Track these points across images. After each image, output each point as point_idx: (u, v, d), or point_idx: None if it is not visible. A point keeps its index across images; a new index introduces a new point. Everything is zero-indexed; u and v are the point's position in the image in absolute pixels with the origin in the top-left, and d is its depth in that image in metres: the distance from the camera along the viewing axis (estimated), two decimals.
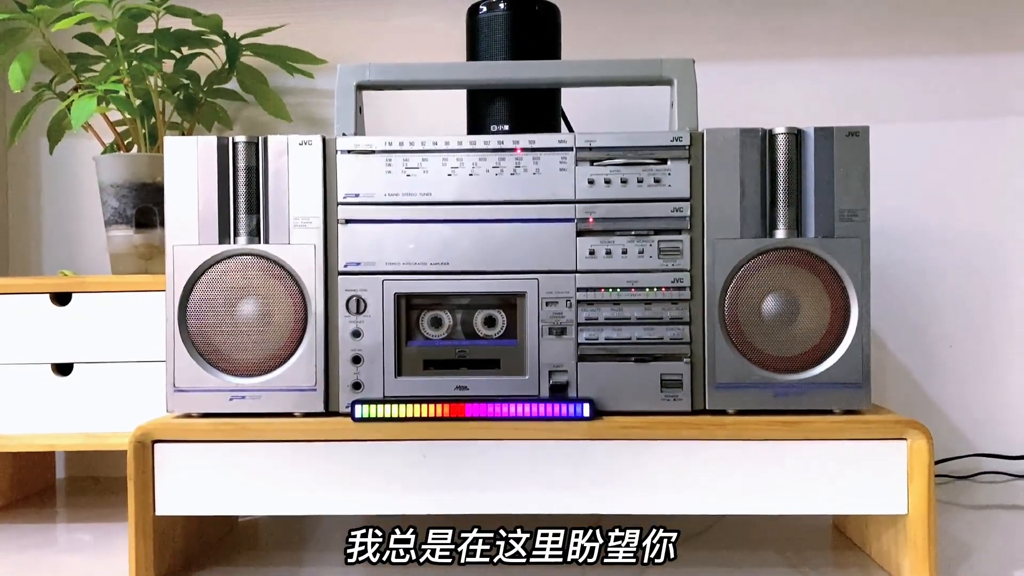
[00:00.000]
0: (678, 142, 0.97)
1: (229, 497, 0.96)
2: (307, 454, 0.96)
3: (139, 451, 0.96)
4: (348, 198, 0.98)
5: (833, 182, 0.96)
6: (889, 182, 1.44)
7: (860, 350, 0.97)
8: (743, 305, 0.97)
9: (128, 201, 1.28)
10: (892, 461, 0.93)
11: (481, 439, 0.95)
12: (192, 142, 0.99)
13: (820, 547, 1.12)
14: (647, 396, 0.97)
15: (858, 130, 0.97)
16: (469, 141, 0.98)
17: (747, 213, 0.97)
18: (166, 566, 1.00)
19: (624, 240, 0.97)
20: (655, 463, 0.94)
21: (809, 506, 0.95)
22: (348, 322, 0.98)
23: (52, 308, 1.20)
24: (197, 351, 0.98)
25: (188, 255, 0.98)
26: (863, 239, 0.96)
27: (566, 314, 0.98)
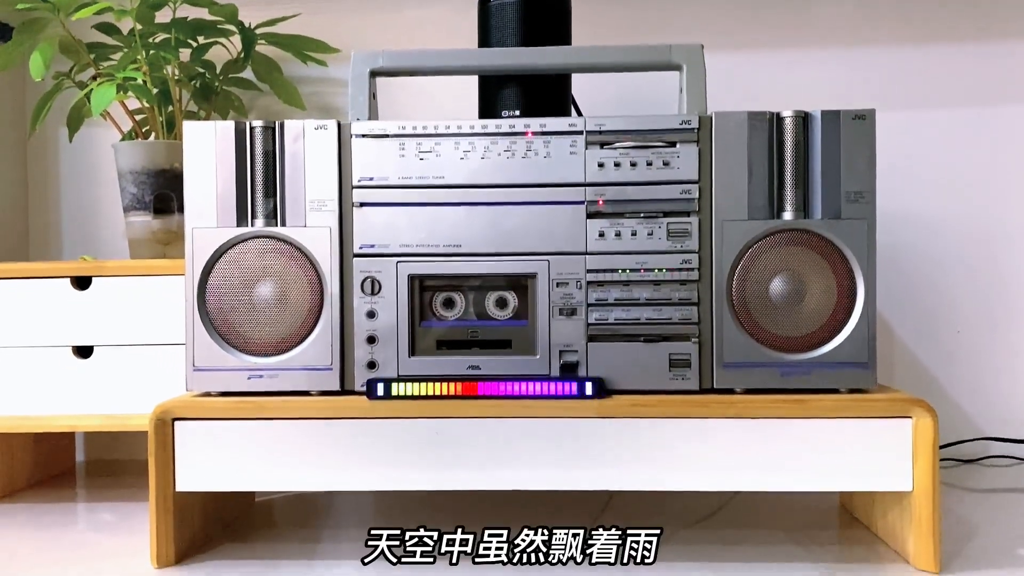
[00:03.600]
0: (687, 125, 0.99)
1: (247, 473, 0.98)
2: (323, 432, 0.98)
3: (160, 428, 0.98)
4: (363, 182, 1.00)
5: (840, 164, 0.98)
6: (899, 168, 1.45)
7: (866, 330, 0.98)
8: (751, 286, 0.98)
9: (146, 187, 1.30)
10: (897, 439, 0.95)
11: (493, 417, 0.96)
12: (210, 127, 1.01)
13: (827, 526, 1.14)
14: (656, 375, 0.99)
15: (864, 113, 0.98)
16: (481, 125, 1.00)
17: (755, 195, 0.98)
18: (185, 543, 1.02)
19: (633, 222, 0.99)
20: (663, 441, 0.96)
21: (816, 483, 0.97)
22: (363, 303, 1.00)
23: (72, 292, 1.23)
24: (216, 331, 1.01)
25: (207, 237, 1.00)
26: (869, 221, 0.98)
27: (576, 295, 0.99)
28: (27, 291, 1.23)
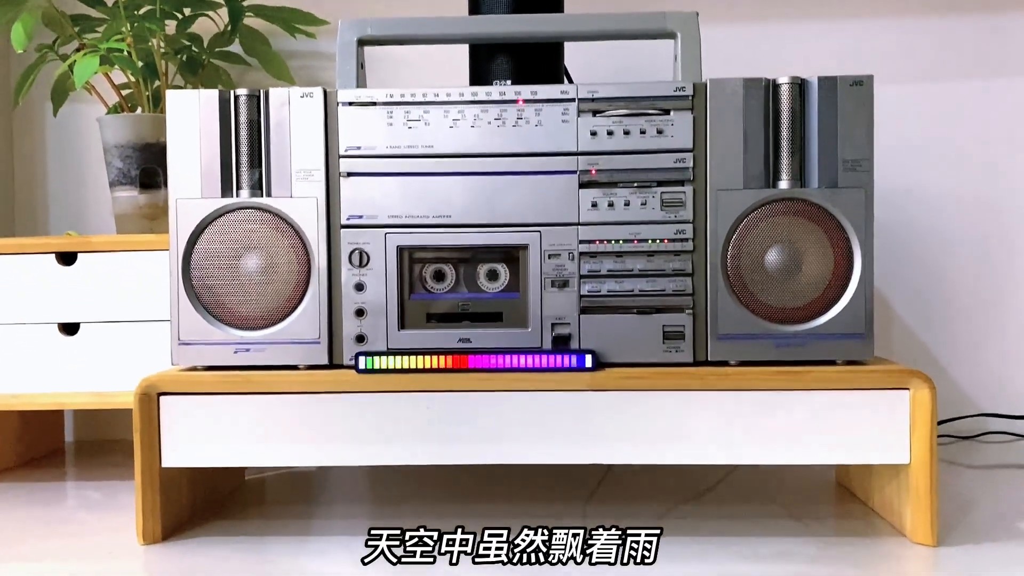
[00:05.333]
0: (681, 92, 0.97)
1: (234, 448, 0.97)
2: (311, 406, 0.96)
3: (145, 403, 0.96)
4: (350, 151, 0.98)
5: (837, 132, 0.96)
6: (897, 142, 1.43)
7: (863, 301, 0.96)
8: (746, 256, 0.97)
9: (132, 162, 1.28)
10: (895, 411, 0.93)
11: (484, 390, 0.95)
12: (194, 95, 0.99)
13: (823, 501, 1.13)
14: (649, 348, 0.98)
15: (862, 79, 0.96)
16: (471, 93, 0.98)
17: (750, 164, 0.96)
18: (172, 520, 1.01)
19: (626, 192, 0.97)
20: (657, 413, 0.94)
21: (812, 456, 0.95)
22: (351, 275, 0.98)
23: (58, 268, 1.21)
24: (201, 304, 0.99)
25: (191, 208, 0.98)
26: (867, 189, 0.96)
27: (568, 267, 0.98)
28: (11, 267, 1.21)
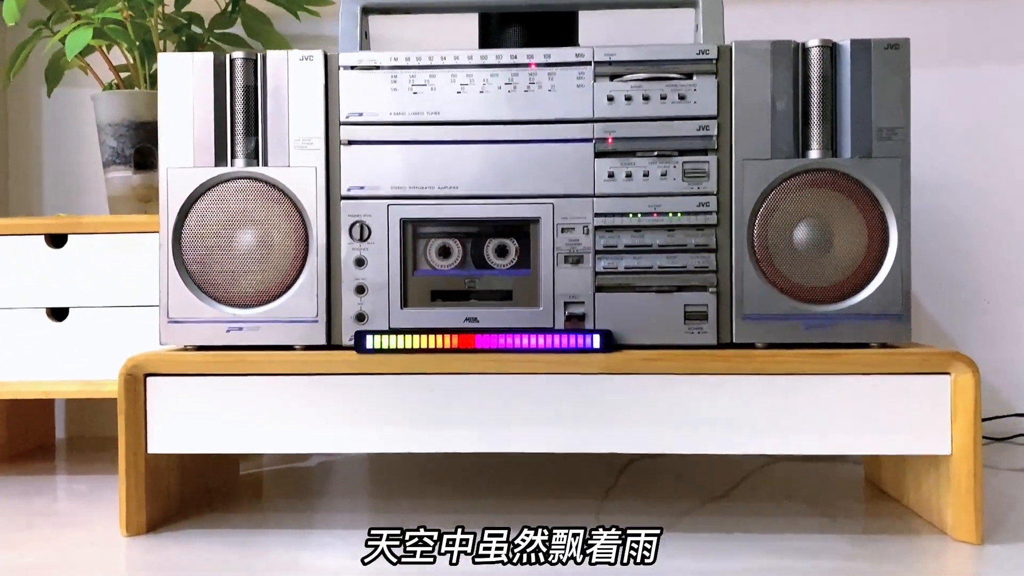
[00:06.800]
0: (704, 55, 0.91)
1: (224, 434, 0.91)
2: (308, 388, 0.90)
3: (130, 385, 0.91)
4: (351, 117, 0.92)
5: (871, 98, 0.90)
6: (923, 129, 1.36)
7: (900, 279, 0.90)
8: (773, 231, 0.90)
9: (126, 141, 1.22)
10: (935, 397, 0.87)
11: (491, 373, 0.89)
12: (188, 58, 0.93)
13: (853, 498, 1.06)
14: (670, 328, 0.91)
15: (898, 42, 0.90)
16: (480, 56, 0.92)
17: (778, 132, 0.90)
18: (159, 510, 0.94)
19: (646, 161, 0.91)
20: (677, 399, 0.88)
21: (844, 446, 0.89)
22: (352, 250, 0.92)
23: (47, 250, 1.15)
24: (192, 280, 0.93)
25: (183, 178, 0.93)
26: (903, 159, 0.90)
27: (583, 241, 0.91)
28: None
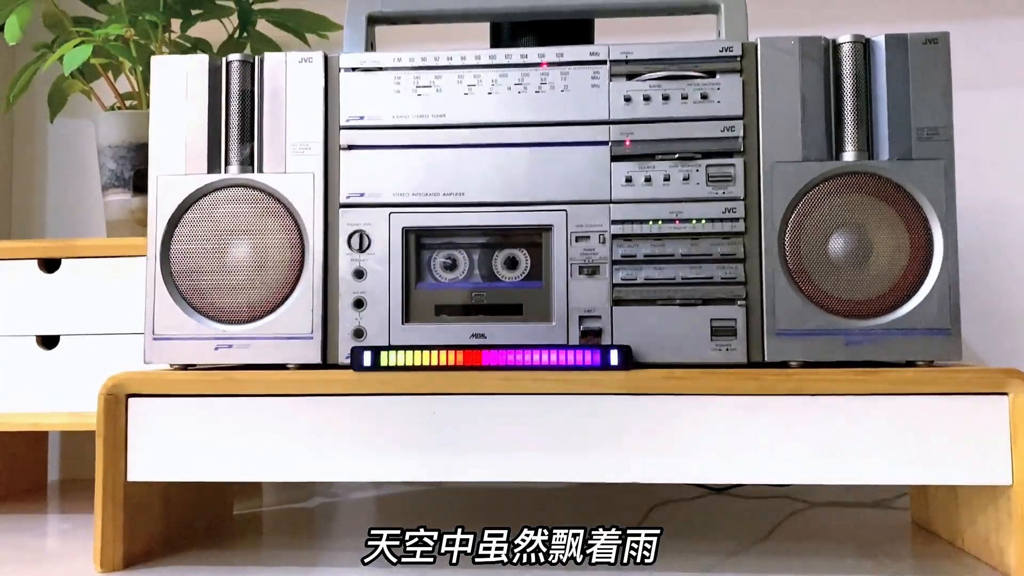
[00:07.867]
0: (728, 52, 0.85)
1: (211, 460, 0.84)
2: (302, 410, 0.83)
3: (111, 405, 0.84)
4: (352, 121, 0.87)
5: (909, 96, 0.83)
6: (962, 152, 1.30)
7: (947, 290, 0.82)
8: (807, 239, 0.83)
9: (126, 163, 1.18)
10: (991, 420, 0.78)
11: (499, 393, 0.81)
12: (182, 60, 0.89)
13: (900, 540, 0.96)
14: (695, 345, 0.84)
15: (936, 36, 0.84)
16: (488, 55, 0.87)
17: (810, 133, 0.84)
18: (140, 545, 0.87)
19: (666, 165, 0.85)
20: (704, 423, 0.80)
21: (890, 475, 0.80)
22: (350, 260, 0.86)
23: (39, 275, 1.10)
24: (180, 294, 0.87)
25: (173, 186, 0.87)
26: (947, 161, 0.83)
27: (599, 251, 0.85)
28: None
